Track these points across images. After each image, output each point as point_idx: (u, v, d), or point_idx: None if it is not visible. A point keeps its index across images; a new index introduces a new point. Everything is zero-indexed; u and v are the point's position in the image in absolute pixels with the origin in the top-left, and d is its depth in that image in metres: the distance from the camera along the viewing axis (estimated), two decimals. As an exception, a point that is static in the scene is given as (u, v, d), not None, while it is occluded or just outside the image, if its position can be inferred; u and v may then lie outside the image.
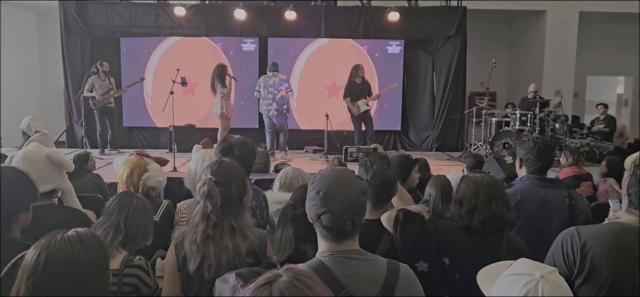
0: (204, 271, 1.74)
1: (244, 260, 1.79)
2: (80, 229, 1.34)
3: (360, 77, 7.62)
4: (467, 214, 1.90)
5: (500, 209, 1.87)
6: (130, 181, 2.68)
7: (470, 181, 1.96)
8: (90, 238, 1.32)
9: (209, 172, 1.81)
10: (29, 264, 1.24)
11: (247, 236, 1.82)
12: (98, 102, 7.72)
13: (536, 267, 1.34)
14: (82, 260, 1.26)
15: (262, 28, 8.92)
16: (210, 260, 1.74)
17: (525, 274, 1.32)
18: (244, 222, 1.84)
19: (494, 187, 1.92)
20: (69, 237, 1.29)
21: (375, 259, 1.46)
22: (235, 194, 1.82)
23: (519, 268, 1.37)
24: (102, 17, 8.75)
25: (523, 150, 2.58)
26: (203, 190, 1.76)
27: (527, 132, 7.51)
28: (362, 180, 1.49)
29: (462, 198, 1.93)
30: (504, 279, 1.37)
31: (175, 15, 8.61)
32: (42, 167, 2.19)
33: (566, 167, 4.75)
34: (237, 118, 8.42)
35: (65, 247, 1.25)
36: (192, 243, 1.75)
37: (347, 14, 8.93)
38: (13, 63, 10.06)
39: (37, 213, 2.03)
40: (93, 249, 1.30)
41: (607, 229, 1.73)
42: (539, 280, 1.31)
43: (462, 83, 9.07)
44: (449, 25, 8.86)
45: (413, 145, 9.31)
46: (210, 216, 1.75)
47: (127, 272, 1.80)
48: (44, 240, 1.27)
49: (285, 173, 2.80)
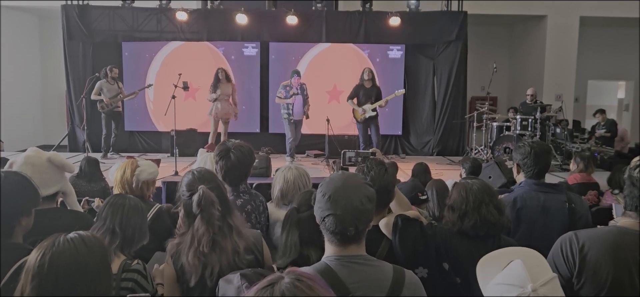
0: (206, 279, 1.75)
1: (243, 258, 1.80)
2: (82, 232, 1.35)
3: (369, 81, 7.54)
4: (459, 219, 1.93)
5: (490, 213, 1.90)
6: (124, 180, 2.70)
7: (461, 187, 2.00)
8: (92, 240, 1.34)
9: (194, 185, 1.83)
10: (33, 265, 1.25)
11: (242, 233, 1.84)
12: (106, 105, 7.76)
13: (530, 276, 1.30)
14: (86, 260, 1.28)
15: (264, 33, 8.95)
16: (212, 267, 1.74)
17: (517, 286, 1.29)
18: (238, 220, 1.88)
19: (484, 192, 1.95)
20: (72, 238, 1.31)
21: (381, 265, 1.47)
22: (225, 192, 1.87)
23: (512, 276, 1.33)
24: (104, 21, 8.78)
25: (519, 155, 2.58)
26: (201, 201, 1.75)
27: (528, 137, 7.51)
28: (370, 187, 1.49)
29: (454, 204, 1.97)
30: (498, 285, 1.35)
31: (177, 19, 8.64)
32: (44, 170, 2.20)
33: (576, 173, 4.75)
34: (238, 122, 8.44)
35: (69, 248, 1.27)
36: (196, 256, 1.74)
37: (348, 19, 8.96)
38: (15, 67, 10.10)
39: (40, 217, 2.04)
40: (96, 250, 1.32)
41: (605, 232, 1.74)
42: (529, 293, 1.28)
43: (462, 88, 9.08)
44: (450, 30, 8.88)
45: (414, 150, 9.32)
46: (215, 222, 1.76)
47: (125, 277, 1.80)
48: (46, 242, 1.28)
49: (285, 181, 2.61)
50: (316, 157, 8.32)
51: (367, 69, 7.63)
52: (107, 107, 7.79)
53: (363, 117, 7.54)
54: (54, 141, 9.00)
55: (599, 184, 4.72)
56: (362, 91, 7.55)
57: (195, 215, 1.78)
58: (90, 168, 4.20)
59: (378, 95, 7.60)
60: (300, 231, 1.75)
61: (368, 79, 7.53)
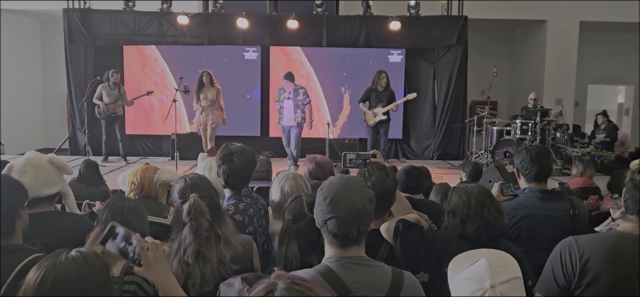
0: (188, 289, 1.74)
1: (229, 268, 1.78)
2: (83, 249, 1.31)
3: (382, 85, 7.33)
4: (460, 224, 1.92)
5: (492, 216, 1.90)
6: (146, 180, 2.67)
7: (461, 191, 1.99)
8: (94, 258, 1.29)
9: (186, 193, 1.83)
10: (32, 284, 1.20)
11: (230, 242, 1.83)
12: (103, 111, 7.76)
13: (491, 274, 1.31)
14: (89, 280, 1.24)
15: (264, 37, 8.97)
16: (194, 278, 1.74)
17: (476, 282, 1.32)
18: (228, 229, 1.86)
19: (484, 195, 1.95)
20: (73, 257, 1.26)
21: (381, 266, 1.49)
22: (217, 200, 1.86)
23: (474, 273, 1.36)
24: (105, 25, 8.81)
25: (517, 160, 2.60)
26: (191, 211, 1.75)
27: (528, 141, 7.52)
28: (369, 189, 1.51)
29: (455, 208, 1.96)
30: (460, 280, 1.38)
31: (178, 24, 8.67)
32: (46, 171, 2.21)
33: (578, 178, 4.76)
34: (239, 125, 8.46)
35: (71, 268, 1.23)
36: (180, 265, 1.73)
37: (349, 23, 8.98)
38: (16, 70, 10.12)
39: (39, 219, 2.05)
40: (98, 270, 1.27)
41: (605, 237, 1.74)
42: (487, 290, 1.30)
43: (463, 92, 9.10)
44: (450, 35, 8.90)
45: (414, 154, 9.33)
46: (203, 233, 1.75)
47: (127, 280, 1.80)
48: (47, 260, 1.24)
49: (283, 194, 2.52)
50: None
51: (382, 73, 7.40)
52: (104, 113, 7.78)
53: (374, 122, 7.40)
54: (55, 144, 9.00)
55: (600, 188, 4.73)
56: (373, 94, 7.41)
57: (184, 223, 1.77)
58: (89, 172, 4.18)
59: (390, 99, 7.41)
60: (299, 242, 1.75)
61: (383, 83, 7.32)
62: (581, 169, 4.78)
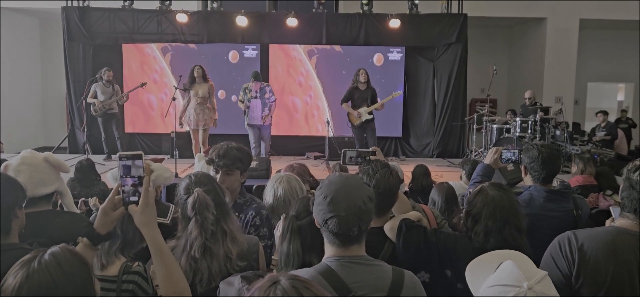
0: (196, 285, 1.73)
1: (235, 264, 1.78)
2: (58, 250, 1.23)
3: (364, 83, 7.19)
4: (483, 235, 1.84)
5: (511, 236, 1.81)
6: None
7: (489, 199, 1.87)
8: (70, 260, 1.22)
9: (191, 189, 1.82)
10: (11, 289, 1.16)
11: (236, 239, 1.82)
12: (98, 108, 7.74)
13: (523, 275, 1.29)
14: (64, 285, 1.18)
15: (264, 35, 8.96)
16: (202, 274, 1.73)
17: (513, 286, 1.28)
18: (234, 225, 1.85)
19: (510, 212, 1.84)
20: (46, 263, 1.19)
21: (381, 265, 1.48)
22: (222, 196, 1.84)
23: (506, 277, 1.32)
24: (104, 23, 8.79)
25: (527, 158, 2.51)
26: (196, 204, 1.74)
27: (528, 139, 7.51)
28: (369, 186, 1.50)
29: (479, 215, 1.86)
30: (493, 287, 1.33)
31: (177, 22, 8.65)
32: (41, 170, 2.19)
33: (578, 175, 4.76)
34: (238, 124, 8.43)
35: (44, 275, 1.17)
36: (188, 261, 1.73)
37: (348, 21, 8.96)
38: (15, 68, 10.11)
39: (37, 218, 2.03)
40: (74, 273, 1.21)
41: (603, 232, 1.75)
42: (526, 292, 1.27)
43: (462, 90, 9.09)
44: (450, 33, 8.89)
45: (414, 152, 9.32)
46: (209, 227, 1.74)
47: (125, 279, 1.79)
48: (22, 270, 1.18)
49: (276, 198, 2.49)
50: (316, 159, 8.32)
51: (362, 70, 7.24)
52: (100, 110, 7.75)
53: (359, 122, 7.26)
54: (54, 143, 9.00)
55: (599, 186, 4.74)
56: (356, 94, 7.26)
57: (190, 218, 1.77)
58: (85, 171, 4.16)
59: (373, 97, 7.30)
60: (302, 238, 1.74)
61: (363, 80, 7.17)
62: (581, 167, 4.78)
